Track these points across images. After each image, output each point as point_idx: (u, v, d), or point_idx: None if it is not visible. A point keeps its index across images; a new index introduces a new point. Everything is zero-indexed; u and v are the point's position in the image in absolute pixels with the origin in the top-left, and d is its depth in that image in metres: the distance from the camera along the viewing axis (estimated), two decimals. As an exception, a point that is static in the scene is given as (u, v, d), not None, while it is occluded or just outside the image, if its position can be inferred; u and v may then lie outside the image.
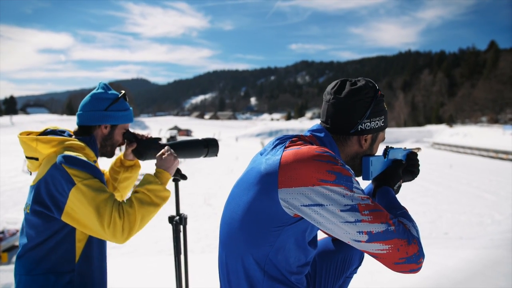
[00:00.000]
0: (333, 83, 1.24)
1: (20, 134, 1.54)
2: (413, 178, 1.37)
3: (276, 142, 1.15)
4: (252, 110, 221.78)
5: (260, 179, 1.06)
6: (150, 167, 1.63)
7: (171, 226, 1.74)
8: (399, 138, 51.58)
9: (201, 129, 78.04)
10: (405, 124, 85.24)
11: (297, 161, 1.03)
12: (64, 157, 1.41)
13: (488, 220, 11.37)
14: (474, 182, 18.55)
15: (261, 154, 1.16)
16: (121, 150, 1.82)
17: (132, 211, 1.40)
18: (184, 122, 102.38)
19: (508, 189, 16.31)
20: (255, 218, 1.06)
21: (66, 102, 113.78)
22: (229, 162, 25.61)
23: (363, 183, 1.23)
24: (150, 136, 1.75)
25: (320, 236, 1.34)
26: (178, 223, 1.74)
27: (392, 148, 1.32)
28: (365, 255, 1.37)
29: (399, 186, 1.29)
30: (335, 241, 1.40)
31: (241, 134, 62.53)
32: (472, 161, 29.97)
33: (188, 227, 1.84)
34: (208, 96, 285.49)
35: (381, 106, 1.21)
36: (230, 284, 1.13)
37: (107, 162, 1.90)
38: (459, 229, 10.40)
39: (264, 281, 1.08)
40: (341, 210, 0.98)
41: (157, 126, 79.16)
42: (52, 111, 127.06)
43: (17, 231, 9.74)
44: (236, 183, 1.19)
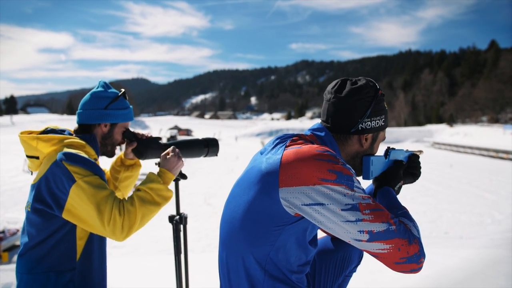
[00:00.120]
0: (334, 82, 1.24)
1: (21, 133, 1.54)
2: (415, 180, 1.36)
3: (277, 141, 1.15)
4: (253, 110, 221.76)
5: (261, 178, 1.06)
6: (151, 166, 1.64)
7: (171, 226, 1.74)
8: (399, 138, 51.52)
9: (201, 129, 78.06)
10: (406, 124, 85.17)
11: (298, 160, 1.02)
12: (65, 154, 1.41)
13: (488, 220, 11.38)
14: (475, 182, 18.56)
15: (262, 153, 1.15)
16: (122, 150, 1.82)
17: (133, 209, 1.40)
18: (184, 122, 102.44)
19: (508, 189, 16.31)
20: (256, 217, 1.06)
21: (67, 102, 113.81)
22: (229, 162, 25.62)
23: (364, 183, 1.23)
24: (150, 136, 1.75)
25: (319, 235, 1.34)
26: (178, 223, 1.74)
27: (394, 149, 1.32)
28: (364, 254, 1.37)
29: (400, 187, 1.29)
30: (334, 240, 1.40)
31: (241, 134, 62.45)
32: (473, 161, 29.96)
33: (188, 227, 1.84)
34: (208, 96, 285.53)
35: (382, 106, 1.21)
36: (231, 284, 1.13)
37: (108, 162, 1.90)
38: (460, 229, 10.41)
39: (265, 281, 1.08)
40: (342, 209, 0.98)
41: (157, 126, 79.16)
42: (53, 111, 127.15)
43: (18, 231, 9.75)
44: (237, 182, 1.18)
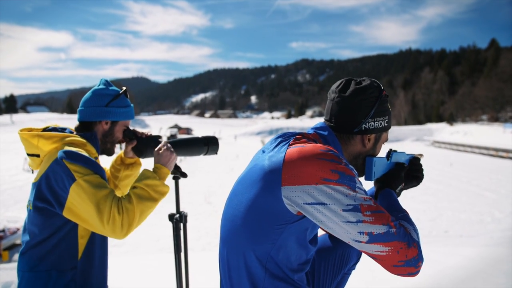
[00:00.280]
0: (338, 82, 1.24)
1: (21, 131, 1.53)
2: (418, 184, 1.36)
3: (279, 140, 1.15)
4: (253, 109, 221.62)
5: (264, 176, 1.06)
6: (151, 165, 1.63)
7: (172, 224, 1.74)
8: (400, 137, 51.53)
9: (202, 128, 78.06)
10: (406, 122, 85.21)
11: (301, 159, 1.02)
12: (65, 152, 1.41)
13: (488, 218, 11.39)
14: (474, 180, 18.57)
15: (263, 152, 1.15)
16: (122, 148, 1.82)
17: (131, 207, 1.40)
18: (185, 121, 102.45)
19: (508, 187, 16.34)
20: (258, 215, 1.06)
21: (66, 101, 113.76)
22: (230, 161, 25.64)
23: (365, 184, 1.23)
24: (150, 134, 1.75)
25: (318, 233, 1.34)
26: (179, 221, 1.74)
27: (396, 151, 1.32)
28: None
29: (401, 190, 1.29)
30: (332, 238, 1.40)
31: (242, 133, 62.49)
32: (472, 160, 29.98)
33: (189, 225, 1.84)
34: (209, 95, 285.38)
35: (386, 106, 1.21)
36: (232, 281, 1.13)
37: (108, 160, 1.90)
38: (460, 227, 10.41)
39: (266, 279, 1.08)
40: (343, 210, 0.98)
41: (158, 125, 79.17)
42: (52, 110, 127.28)
43: (18, 230, 9.76)
44: (238, 181, 1.18)
